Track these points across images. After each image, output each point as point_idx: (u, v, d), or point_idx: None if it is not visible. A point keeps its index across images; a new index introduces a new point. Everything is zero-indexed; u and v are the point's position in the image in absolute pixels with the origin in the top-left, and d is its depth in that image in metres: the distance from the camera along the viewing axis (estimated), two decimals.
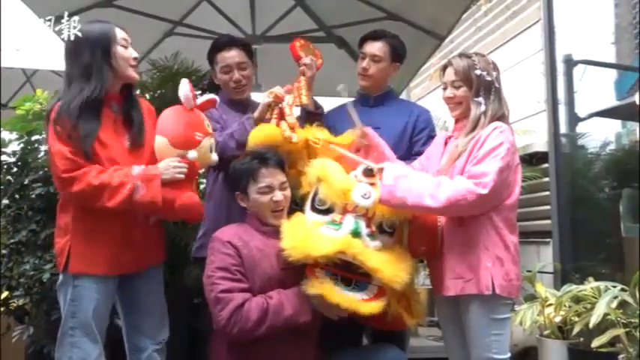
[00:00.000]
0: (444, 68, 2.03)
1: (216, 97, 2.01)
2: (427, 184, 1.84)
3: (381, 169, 1.88)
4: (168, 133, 1.88)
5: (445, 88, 2.01)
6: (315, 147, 2.04)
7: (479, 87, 1.94)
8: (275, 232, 1.88)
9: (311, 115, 2.23)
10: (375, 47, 2.31)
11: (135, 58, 1.94)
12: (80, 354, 1.81)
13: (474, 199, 1.79)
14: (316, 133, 2.06)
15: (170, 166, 1.83)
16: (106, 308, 1.89)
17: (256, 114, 2.13)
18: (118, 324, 2.03)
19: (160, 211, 1.84)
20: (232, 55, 2.29)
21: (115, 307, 1.99)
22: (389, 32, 2.38)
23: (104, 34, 1.88)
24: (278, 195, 1.92)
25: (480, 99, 1.94)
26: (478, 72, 1.95)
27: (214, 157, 1.96)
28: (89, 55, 1.85)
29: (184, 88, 1.90)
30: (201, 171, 2.19)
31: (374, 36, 2.34)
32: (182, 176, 1.84)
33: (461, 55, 2.02)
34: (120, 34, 1.91)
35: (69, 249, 1.84)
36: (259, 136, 2.04)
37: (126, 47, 1.92)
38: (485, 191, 1.80)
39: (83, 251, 1.83)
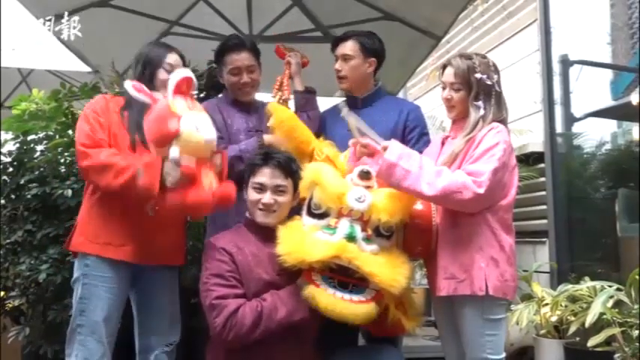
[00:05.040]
0: (444, 67, 2.00)
1: (190, 75, 1.86)
2: (427, 170, 1.82)
3: (385, 147, 1.85)
4: (146, 137, 1.82)
5: (444, 88, 1.99)
6: (317, 159, 2.03)
7: (478, 91, 1.92)
8: (271, 237, 1.85)
9: (301, 95, 2.30)
10: (345, 47, 2.30)
11: None
12: (85, 352, 1.82)
13: (470, 196, 1.79)
14: (323, 148, 2.06)
15: (166, 172, 1.77)
16: (116, 308, 1.89)
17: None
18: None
19: (163, 205, 1.80)
20: (242, 58, 2.28)
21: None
22: (360, 31, 2.36)
23: (152, 58, 1.99)
24: (267, 197, 1.90)
25: (480, 103, 1.91)
26: (478, 75, 1.91)
27: (206, 134, 1.77)
28: (139, 73, 1.98)
29: (127, 89, 1.83)
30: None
31: (342, 37, 2.34)
32: (169, 182, 1.76)
33: (461, 56, 1.98)
34: (169, 59, 1.99)
35: (75, 225, 1.89)
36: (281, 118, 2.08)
37: (169, 71, 1.95)
38: (481, 190, 1.79)
39: (97, 233, 1.86)
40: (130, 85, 1.82)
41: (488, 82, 1.92)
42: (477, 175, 1.81)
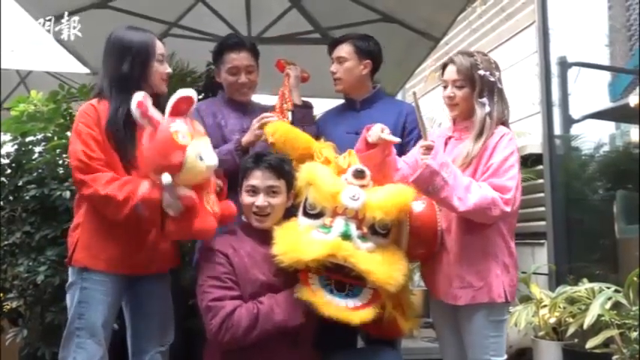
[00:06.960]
0: (444, 66, 1.99)
1: (191, 95, 1.76)
2: (459, 183, 1.79)
3: (430, 146, 1.80)
4: (146, 165, 1.75)
5: (445, 87, 1.97)
6: (316, 161, 2.03)
7: (482, 87, 1.91)
8: (267, 239, 1.85)
9: (299, 109, 2.27)
10: (339, 50, 2.33)
11: (167, 74, 1.95)
12: (84, 355, 1.82)
13: (497, 213, 1.80)
14: (322, 149, 2.05)
15: (167, 201, 1.73)
16: (113, 311, 1.90)
17: (245, 139, 2.14)
18: (114, 327, 2.03)
19: (168, 233, 1.80)
20: (241, 58, 2.27)
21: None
22: (355, 34, 2.38)
23: (145, 48, 1.87)
24: (260, 200, 1.89)
25: (484, 100, 1.90)
26: (481, 72, 1.91)
27: (209, 162, 1.74)
28: (128, 66, 1.85)
29: (132, 104, 1.68)
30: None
31: (338, 40, 2.36)
32: (172, 213, 1.73)
33: (463, 53, 1.98)
34: (159, 49, 1.91)
35: (77, 241, 1.86)
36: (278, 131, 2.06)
37: (161, 62, 1.92)
38: (508, 208, 1.80)
39: (90, 245, 1.84)
40: (136, 105, 1.68)
41: (491, 79, 1.92)
42: (504, 192, 1.81)
